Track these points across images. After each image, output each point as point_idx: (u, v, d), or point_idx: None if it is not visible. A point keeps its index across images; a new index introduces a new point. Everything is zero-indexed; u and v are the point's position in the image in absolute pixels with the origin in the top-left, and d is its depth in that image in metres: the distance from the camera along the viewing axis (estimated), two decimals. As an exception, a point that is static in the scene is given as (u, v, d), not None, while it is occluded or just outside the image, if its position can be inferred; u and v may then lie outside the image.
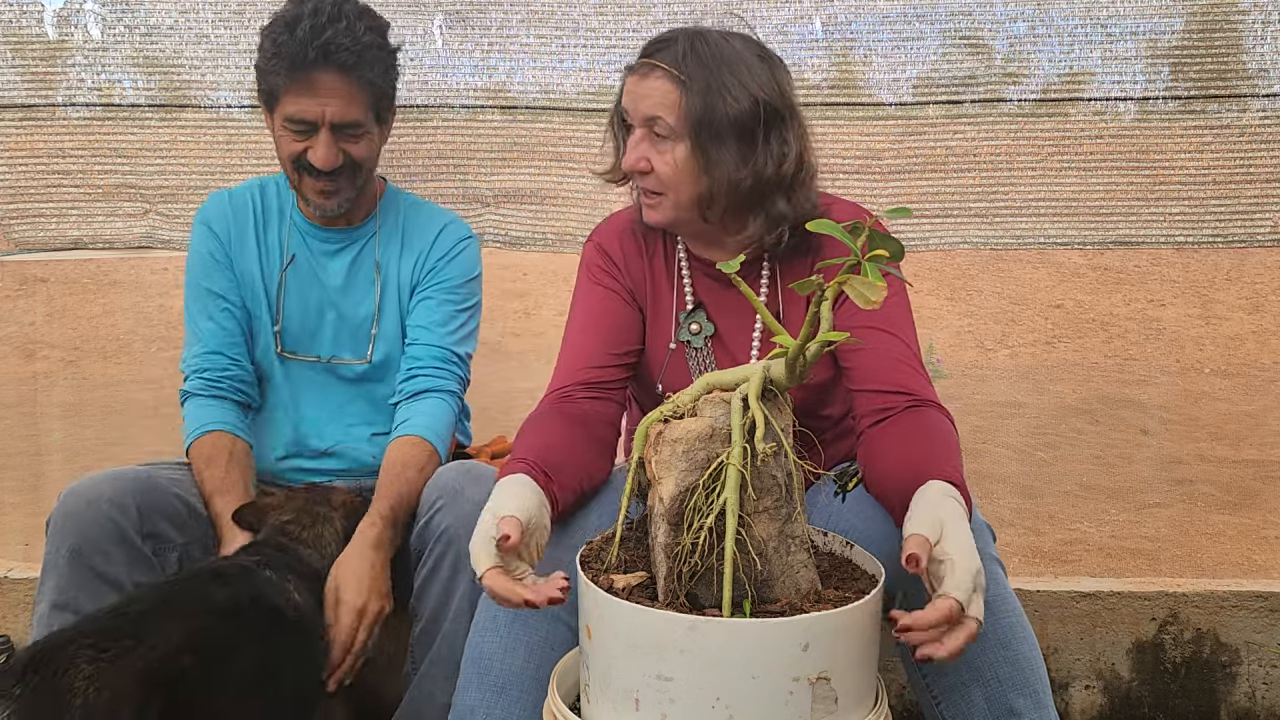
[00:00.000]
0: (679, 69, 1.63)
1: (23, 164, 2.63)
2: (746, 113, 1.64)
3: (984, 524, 1.59)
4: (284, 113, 1.97)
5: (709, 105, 1.63)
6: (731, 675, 1.20)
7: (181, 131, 2.62)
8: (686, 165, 1.66)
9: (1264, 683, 2.34)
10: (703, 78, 1.63)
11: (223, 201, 2.16)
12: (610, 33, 2.59)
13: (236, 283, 2.12)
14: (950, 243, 2.70)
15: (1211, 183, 2.65)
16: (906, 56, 2.60)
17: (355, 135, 2.00)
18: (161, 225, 2.68)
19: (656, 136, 1.67)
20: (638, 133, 1.69)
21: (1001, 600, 1.52)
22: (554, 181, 2.68)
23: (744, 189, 1.66)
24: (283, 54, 1.93)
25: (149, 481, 1.89)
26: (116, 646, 1.42)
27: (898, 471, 1.50)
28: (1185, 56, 2.60)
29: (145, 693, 1.40)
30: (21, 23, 2.56)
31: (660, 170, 1.68)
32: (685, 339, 1.80)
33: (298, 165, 2.01)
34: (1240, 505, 4.10)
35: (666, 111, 1.64)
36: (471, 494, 1.82)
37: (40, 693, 1.34)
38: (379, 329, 2.12)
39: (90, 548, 1.78)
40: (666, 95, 1.64)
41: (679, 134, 1.65)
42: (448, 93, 2.62)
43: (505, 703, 1.53)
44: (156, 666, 1.43)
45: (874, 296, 1.18)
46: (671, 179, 1.68)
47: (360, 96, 1.97)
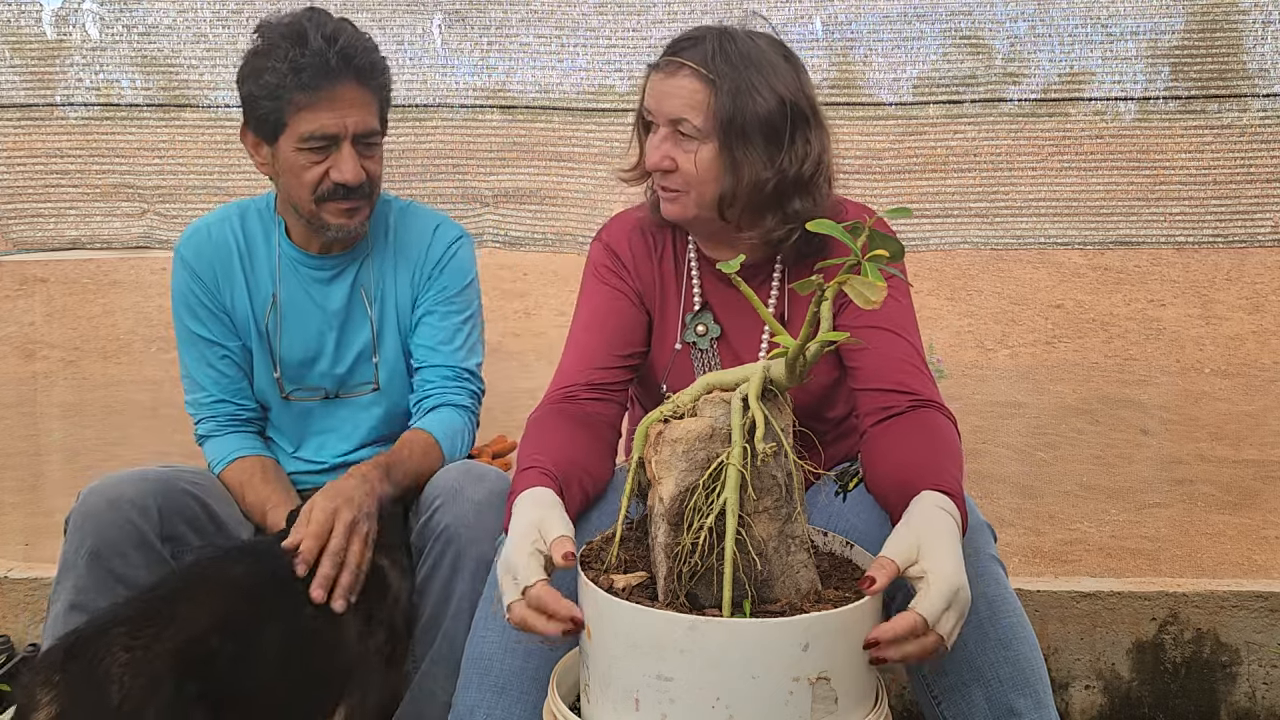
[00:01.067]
0: (708, 68, 1.63)
1: (21, 164, 2.63)
2: (775, 113, 1.64)
3: (985, 524, 1.58)
4: (299, 133, 1.89)
5: (738, 105, 1.63)
6: (731, 675, 1.19)
7: (180, 131, 2.62)
8: (712, 165, 1.66)
9: (1264, 683, 2.34)
10: (732, 77, 1.63)
11: (202, 239, 2.06)
12: (610, 33, 2.59)
13: (229, 326, 2.06)
14: (950, 243, 2.70)
15: (1212, 183, 2.65)
16: (906, 56, 2.60)
17: (372, 146, 1.95)
18: (160, 225, 2.68)
19: (681, 135, 1.66)
20: (661, 131, 1.68)
21: (1002, 600, 1.52)
22: (554, 181, 2.68)
23: (768, 189, 1.66)
24: (302, 69, 1.86)
25: (170, 483, 1.88)
26: (149, 633, 1.45)
27: (896, 474, 1.50)
28: (1185, 56, 2.60)
29: (179, 675, 1.43)
30: (20, 22, 2.57)
31: (685, 169, 1.67)
32: (691, 340, 1.80)
33: (318, 190, 1.93)
34: (1240, 505, 4.10)
35: (693, 112, 1.64)
36: (471, 494, 1.82)
37: (80, 681, 1.38)
38: (380, 356, 2.08)
39: (109, 550, 1.77)
40: (694, 95, 1.64)
41: (706, 134, 1.65)
42: (447, 92, 2.62)
43: (506, 703, 1.53)
44: (188, 649, 1.46)
45: (874, 296, 1.18)
46: (696, 178, 1.67)
47: (374, 105, 1.94)
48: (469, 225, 2.28)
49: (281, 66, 1.87)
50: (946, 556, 1.31)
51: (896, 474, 1.50)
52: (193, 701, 1.44)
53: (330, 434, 2.12)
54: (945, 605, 1.28)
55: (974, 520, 1.55)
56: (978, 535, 1.54)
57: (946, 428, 1.58)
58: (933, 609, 1.27)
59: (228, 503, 2.00)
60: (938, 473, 1.45)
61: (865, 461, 1.62)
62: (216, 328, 2.06)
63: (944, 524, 1.36)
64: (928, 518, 1.36)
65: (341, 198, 1.94)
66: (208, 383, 2.07)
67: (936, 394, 1.64)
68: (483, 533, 1.78)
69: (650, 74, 1.70)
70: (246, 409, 2.10)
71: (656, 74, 1.69)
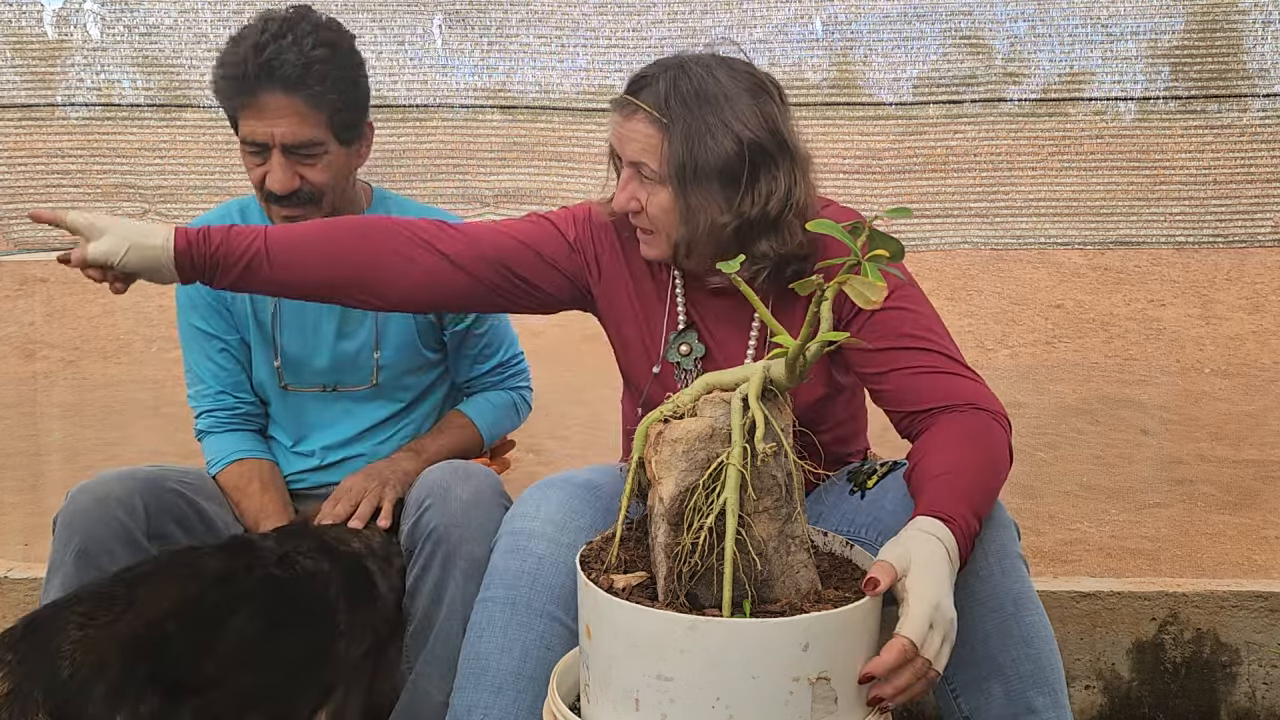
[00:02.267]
0: (660, 111, 1.59)
1: (22, 164, 2.62)
2: (731, 156, 1.58)
3: (1010, 521, 1.56)
4: (241, 134, 1.91)
5: (689, 150, 1.58)
6: (731, 675, 1.20)
7: (181, 131, 2.62)
8: (670, 210, 1.63)
9: (1264, 683, 2.34)
10: (685, 119, 1.58)
11: None
12: (610, 33, 2.58)
13: (229, 320, 2.07)
14: (950, 243, 2.69)
15: (1212, 183, 2.65)
16: (906, 56, 2.59)
17: (311, 156, 1.90)
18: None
19: (643, 178, 1.64)
20: (627, 171, 1.66)
21: (1025, 598, 1.51)
22: (554, 181, 2.68)
23: (726, 233, 1.62)
24: (227, 73, 1.87)
25: (158, 482, 1.89)
26: (106, 614, 1.48)
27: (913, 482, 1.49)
28: (1185, 56, 2.59)
29: (131, 657, 1.45)
30: (21, 22, 2.56)
31: (650, 211, 1.65)
32: (675, 360, 1.77)
33: (263, 190, 1.93)
34: (1240, 505, 4.09)
35: (649, 156, 1.61)
36: (459, 492, 1.82)
37: (34, 656, 1.41)
38: (380, 353, 2.08)
39: (97, 548, 1.77)
40: (649, 139, 1.61)
41: (662, 178, 1.62)
42: (447, 92, 2.62)
43: (503, 703, 1.53)
44: (142, 633, 1.48)
45: (874, 296, 1.18)
46: (660, 220, 1.65)
47: (313, 115, 1.87)
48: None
49: (216, 68, 1.90)
50: (926, 575, 1.31)
51: (913, 481, 1.49)
52: (145, 684, 1.46)
53: (329, 428, 2.12)
54: (928, 625, 1.27)
55: (1000, 518, 1.53)
56: (1002, 533, 1.53)
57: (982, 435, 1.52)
58: (917, 630, 1.27)
59: (218, 502, 2.00)
60: (939, 495, 1.42)
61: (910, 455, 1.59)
62: (216, 321, 2.07)
63: (931, 548, 1.34)
64: (917, 541, 1.35)
65: (277, 202, 1.93)
66: (208, 376, 2.09)
67: (978, 395, 1.57)
68: (472, 532, 1.79)
69: (611, 112, 1.67)
70: (245, 403, 2.10)
71: (616, 114, 1.66)
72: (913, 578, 1.30)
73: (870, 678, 1.26)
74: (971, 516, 1.41)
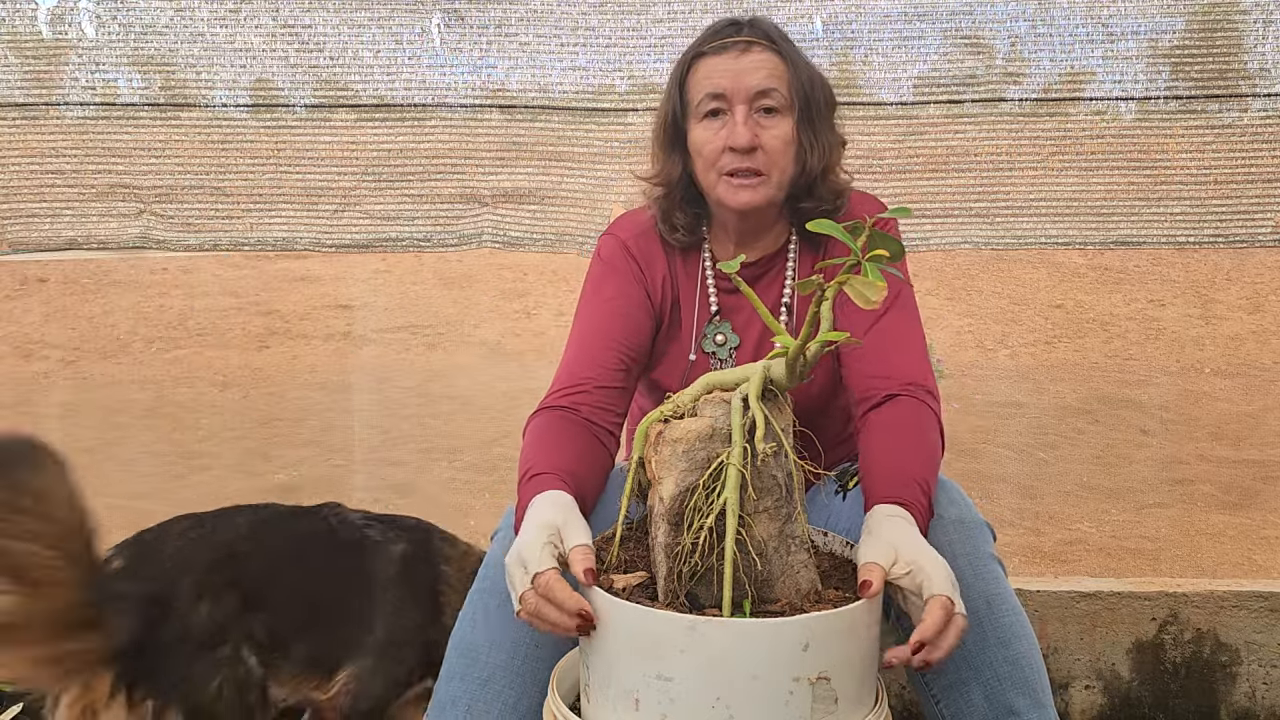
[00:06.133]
0: (777, 45, 1.63)
1: (16, 164, 2.62)
2: (830, 94, 1.67)
3: (983, 523, 1.57)
4: None
5: (811, 82, 1.64)
6: (731, 675, 1.19)
7: (177, 131, 2.62)
8: (792, 141, 1.64)
9: (1264, 683, 2.34)
10: (795, 55, 1.64)
11: None
12: (610, 32, 2.58)
13: None
14: (951, 243, 2.69)
15: (1212, 183, 2.65)
16: (907, 56, 2.59)
17: None
18: (156, 225, 2.67)
19: (764, 112, 1.62)
20: (740, 110, 1.61)
21: (1001, 599, 1.51)
22: (553, 181, 2.68)
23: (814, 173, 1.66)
24: None
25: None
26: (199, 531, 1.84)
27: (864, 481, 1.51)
28: (1185, 56, 2.60)
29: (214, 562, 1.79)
30: (16, 21, 2.56)
31: (770, 145, 1.62)
32: (710, 350, 1.74)
33: None
34: (1240, 505, 4.09)
35: (778, 82, 1.62)
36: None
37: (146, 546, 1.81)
38: None
39: None
40: (776, 67, 1.62)
41: (787, 107, 1.63)
42: (446, 92, 2.62)
43: (488, 695, 1.51)
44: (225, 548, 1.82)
45: (874, 296, 1.18)
46: (780, 155, 1.63)
47: None
48: (468, 225, 2.27)
49: None
50: (922, 545, 1.34)
51: (865, 481, 1.51)
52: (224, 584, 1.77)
53: None
54: (951, 582, 1.29)
55: (972, 519, 1.54)
56: (976, 534, 1.53)
57: (914, 420, 1.55)
58: (946, 585, 1.28)
59: None
60: (889, 483, 1.44)
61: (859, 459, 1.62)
62: None
63: (900, 527, 1.37)
64: (886, 526, 1.37)
65: None
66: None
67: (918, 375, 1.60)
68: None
69: (700, 62, 1.65)
70: None
71: (718, 57, 1.63)
72: (910, 552, 1.31)
73: (921, 645, 1.25)
74: (917, 497, 1.45)
